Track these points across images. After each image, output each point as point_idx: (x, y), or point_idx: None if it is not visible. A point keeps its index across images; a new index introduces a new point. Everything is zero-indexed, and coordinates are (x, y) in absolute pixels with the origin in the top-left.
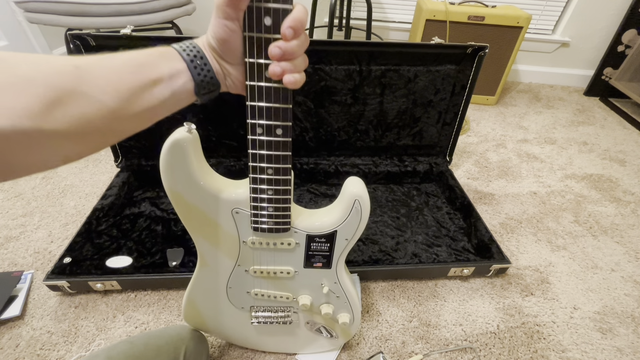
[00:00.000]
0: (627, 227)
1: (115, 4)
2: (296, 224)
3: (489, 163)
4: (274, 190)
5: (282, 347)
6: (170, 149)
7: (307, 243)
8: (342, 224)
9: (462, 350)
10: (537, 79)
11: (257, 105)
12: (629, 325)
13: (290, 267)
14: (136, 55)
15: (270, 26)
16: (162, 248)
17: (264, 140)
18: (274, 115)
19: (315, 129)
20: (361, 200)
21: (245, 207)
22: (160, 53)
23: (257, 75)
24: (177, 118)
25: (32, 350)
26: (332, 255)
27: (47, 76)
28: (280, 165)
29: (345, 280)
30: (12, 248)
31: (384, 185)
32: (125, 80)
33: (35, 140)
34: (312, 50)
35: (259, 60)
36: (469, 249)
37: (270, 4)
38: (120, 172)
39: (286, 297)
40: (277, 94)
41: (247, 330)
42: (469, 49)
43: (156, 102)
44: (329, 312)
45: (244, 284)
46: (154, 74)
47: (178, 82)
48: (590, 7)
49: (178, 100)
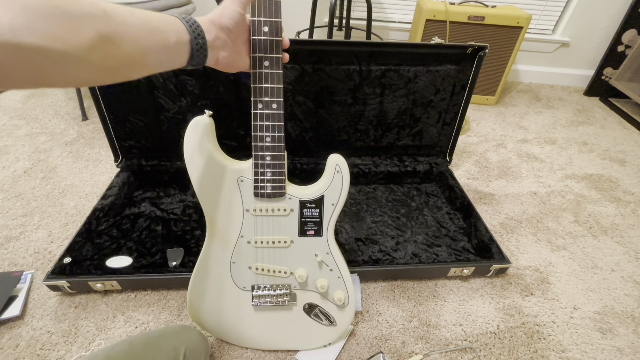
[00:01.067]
0: (627, 227)
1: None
2: (290, 192)
3: (489, 163)
4: (271, 156)
5: (281, 343)
6: (196, 125)
7: (300, 209)
8: (327, 189)
9: (462, 350)
10: (537, 79)
11: (258, 86)
12: (629, 325)
13: (287, 236)
14: (150, 17)
15: (267, 32)
16: (162, 248)
17: (263, 113)
18: (270, 93)
19: (315, 129)
20: (340, 163)
21: (249, 175)
22: (170, 22)
23: (258, 65)
24: (177, 119)
25: (32, 350)
26: (322, 221)
27: (82, 14)
28: (276, 133)
29: (336, 252)
30: (12, 248)
31: (384, 185)
32: (143, 38)
33: (66, 60)
34: (312, 50)
35: (260, 54)
36: (469, 249)
37: (266, 18)
38: (120, 172)
39: (284, 272)
40: (272, 77)
41: (247, 322)
42: (469, 49)
43: (157, 62)
44: (324, 285)
45: (247, 258)
46: (164, 39)
47: (179, 52)
48: (590, 7)
49: (171, 64)
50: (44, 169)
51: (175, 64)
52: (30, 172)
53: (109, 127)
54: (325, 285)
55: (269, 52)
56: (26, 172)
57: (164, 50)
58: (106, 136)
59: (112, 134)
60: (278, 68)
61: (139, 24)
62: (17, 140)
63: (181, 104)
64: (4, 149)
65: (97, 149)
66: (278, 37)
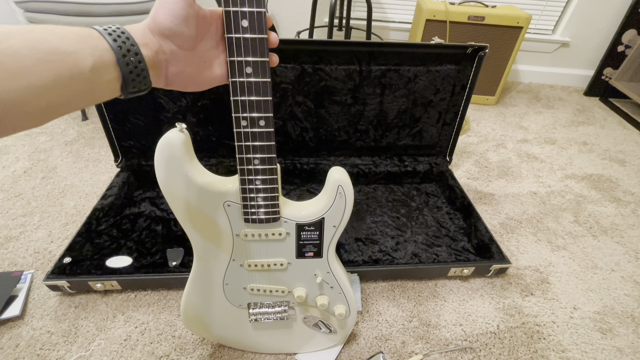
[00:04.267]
0: (627, 227)
1: (115, 4)
2: (285, 214)
3: (489, 163)
4: (261, 180)
5: (282, 347)
6: (164, 147)
7: (297, 232)
8: (328, 211)
9: (462, 350)
10: (537, 79)
11: (240, 99)
12: (629, 325)
13: (283, 259)
14: (48, 35)
15: (248, 27)
16: (162, 248)
17: (248, 132)
18: (257, 108)
19: (315, 129)
20: (344, 185)
21: (236, 199)
22: (81, 37)
23: (238, 72)
24: (177, 119)
25: (32, 350)
26: (322, 243)
27: None
28: (266, 155)
29: (337, 270)
30: (12, 248)
31: (384, 185)
32: (33, 69)
33: None
34: (312, 50)
35: (239, 58)
36: (469, 249)
37: (245, 8)
38: (120, 172)
39: (282, 291)
40: (257, 87)
41: (245, 331)
42: (469, 49)
43: (64, 100)
44: (324, 303)
45: (240, 280)
46: (71, 65)
47: (103, 79)
48: (590, 7)
49: (93, 97)
50: (44, 168)
51: (100, 96)
52: (30, 172)
53: (109, 127)
54: (326, 304)
55: (252, 54)
56: (26, 172)
57: (74, 81)
58: (106, 136)
59: (112, 134)
60: (265, 75)
61: (24, 47)
62: (17, 140)
63: (181, 104)
64: (4, 148)
65: (97, 148)
66: (262, 34)
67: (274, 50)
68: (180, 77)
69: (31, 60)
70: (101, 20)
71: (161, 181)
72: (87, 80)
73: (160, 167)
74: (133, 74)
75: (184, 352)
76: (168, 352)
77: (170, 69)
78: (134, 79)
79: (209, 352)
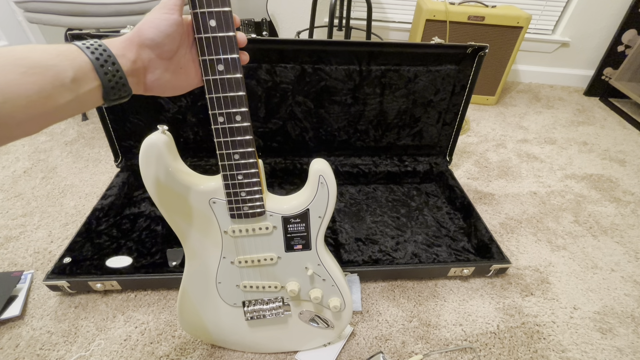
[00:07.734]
0: (627, 227)
1: (115, 4)
2: (270, 207)
3: (489, 163)
4: (243, 175)
5: (280, 346)
6: (147, 149)
7: (284, 225)
8: (312, 202)
9: (462, 350)
10: (537, 79)
11: (215, 96)
12: (629, 325)
13: (273, 253)
14: (28, 53)
15: (216, 26)
16: (162, 248)
17: (226, 127)
18: (232, 103)
19: (315, 129)
20: (325, 175)
21: (221, 195)
22: (60, 52)
23: (210, 70)
24: (177, 119)
25: (32, 350)
26: (309, 235)
27: None
28: (245, 149)
29: (328, 262)
30: (12, 248)
31: (384, 185)
32: (18, 82)
33: None
34: (312, 50)
35: (210, 57)
36: (469, 249)
37: (211, 8)
38: (120, 172)
39: (275, 287)
40: (230, 83)
41: (243, 331)
42: (469, 49)
43: (52, 109)
44: (318, 296)
45: (232, 277)
46: (53, 77)
47: (83, 88)
48: (590, 7)
49: (79, 106)
50: (43, 168)
51: (84, 105)
52: (30, 172)
53: (108, 127)
54: (319, 297)
55: (222, 52)
56: (26, 172)
57: (57, 92)
58: (106, 136)
59: (112, 134)
60: (236, 71)
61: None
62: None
63: (181, 104)
64: (3, 148)
65: (97, 149)
66: (230, 32)
67: (243, 49)
68: (157, 83)
69: (15, 74)
70: (101, 20)
71: (147, 182)
72: (70, 90)
73: (145, 168)
74: (112, 82)
75: (184, 352)
76: (168, 352)
77: (148, 76)
78: (114, 86)
79: (209, 352)
